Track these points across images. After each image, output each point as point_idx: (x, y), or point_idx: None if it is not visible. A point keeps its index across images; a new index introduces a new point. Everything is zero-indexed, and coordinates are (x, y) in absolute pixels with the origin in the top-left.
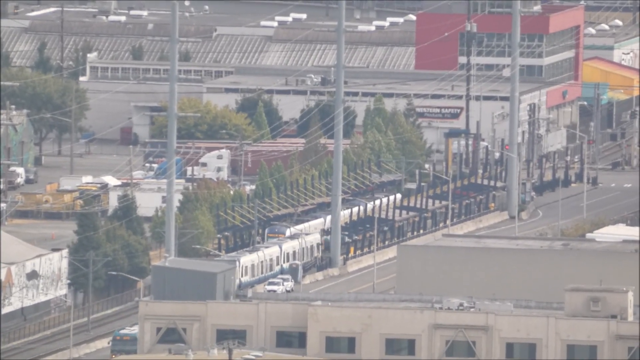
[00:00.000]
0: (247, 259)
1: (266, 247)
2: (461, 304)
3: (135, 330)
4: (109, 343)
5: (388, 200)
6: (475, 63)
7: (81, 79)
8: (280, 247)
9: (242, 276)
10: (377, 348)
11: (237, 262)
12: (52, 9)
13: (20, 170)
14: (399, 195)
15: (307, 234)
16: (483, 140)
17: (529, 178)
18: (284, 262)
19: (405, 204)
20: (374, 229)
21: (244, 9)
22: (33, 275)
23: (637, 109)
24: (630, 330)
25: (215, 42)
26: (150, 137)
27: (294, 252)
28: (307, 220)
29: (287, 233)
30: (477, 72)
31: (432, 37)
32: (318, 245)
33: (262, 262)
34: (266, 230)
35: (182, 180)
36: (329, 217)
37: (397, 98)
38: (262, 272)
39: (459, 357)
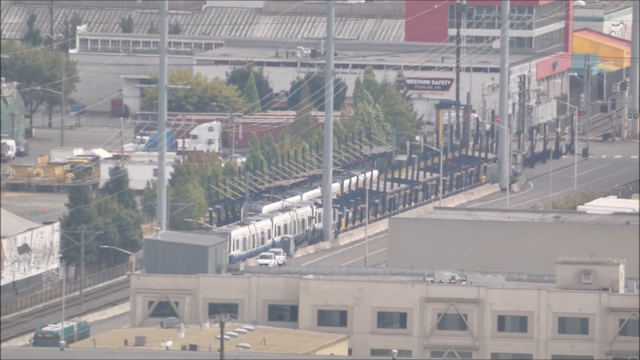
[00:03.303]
0: (280, 219)
1: (298, 208)
2: (453, 277)
3: (57, 327)
4: (30, 341)
5: (362, 177)
6: (465, 35)
7: (71, 51)
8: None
9: (275, 235)
10: (368, 321)
11: (271, 221)
12: None
13: (10, 142)
14: (375, 172)
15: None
16: (473, 111)
17: (520, 150)
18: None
19: (396, 176)
20: (365, 202)
21: None
22: (24, 248)
23: (627, 80)
24: (622, 303)
25: (205, 15)
26: (141, 109)
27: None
28: (284, 198)
29: (264, 211)
30: (467, 44)
31: (422, 9)
32: (309, 218)
33: (299, 220)
34: (242, 209)
35: (173, 153)
36: (306, 194)
37: (387, 70)
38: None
39: (451, 330)
